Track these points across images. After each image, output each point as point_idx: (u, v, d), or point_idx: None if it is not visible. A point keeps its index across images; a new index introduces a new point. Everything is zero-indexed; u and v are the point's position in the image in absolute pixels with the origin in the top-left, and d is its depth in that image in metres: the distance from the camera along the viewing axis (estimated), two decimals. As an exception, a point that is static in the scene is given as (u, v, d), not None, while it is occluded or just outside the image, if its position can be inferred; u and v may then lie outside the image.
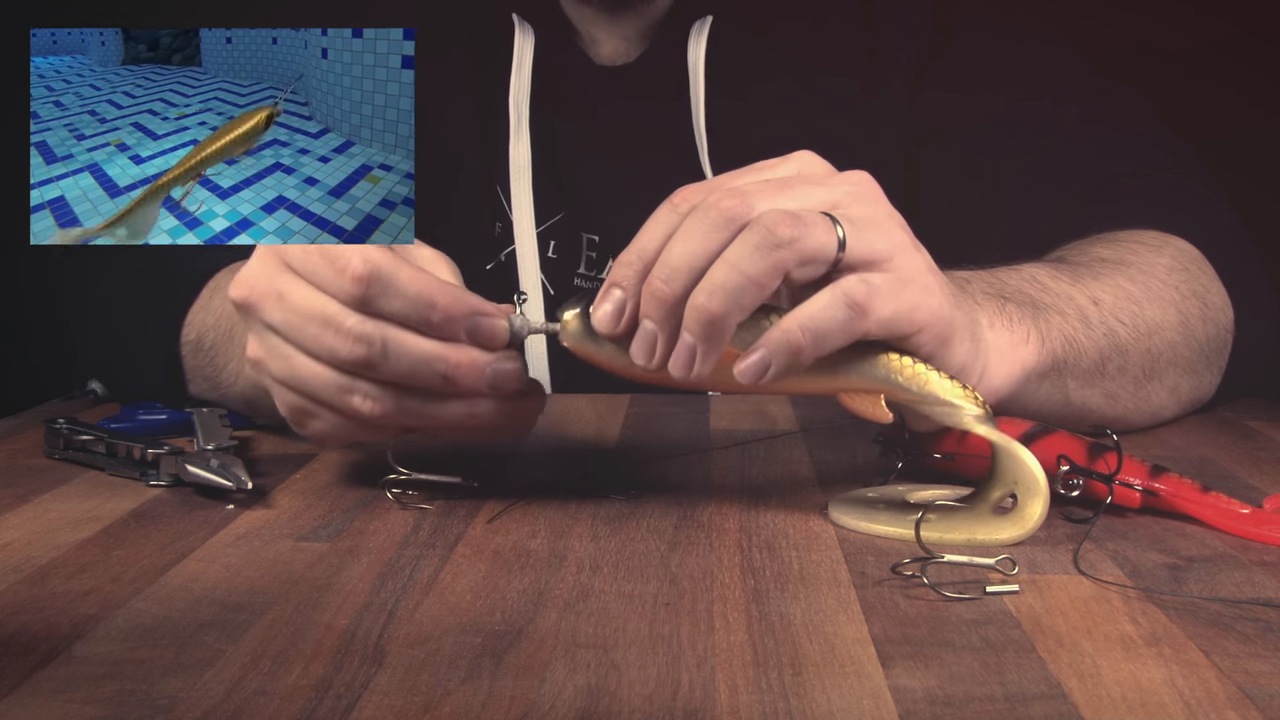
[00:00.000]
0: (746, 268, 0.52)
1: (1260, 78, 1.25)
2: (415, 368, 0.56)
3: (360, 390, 0.57)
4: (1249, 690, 0.40)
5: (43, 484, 0.66)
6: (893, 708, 0.39)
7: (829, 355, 0.55)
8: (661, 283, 0.53)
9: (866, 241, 0.54)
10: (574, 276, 0.95)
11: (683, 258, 0.53)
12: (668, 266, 0.53)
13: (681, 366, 0.54)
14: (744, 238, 0.52)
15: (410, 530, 0.57)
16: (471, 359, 0.56)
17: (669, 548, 0.54)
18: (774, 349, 0.53)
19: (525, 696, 0.40)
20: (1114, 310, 0.70)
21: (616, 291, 0.55)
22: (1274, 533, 0.56)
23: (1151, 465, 0.60)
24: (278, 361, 0.58)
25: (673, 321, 0.54)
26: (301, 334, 0.57)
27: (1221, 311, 0.79)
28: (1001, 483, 0.56)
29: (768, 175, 0.57)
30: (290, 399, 0.59)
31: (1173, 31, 1.22)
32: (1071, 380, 0.69)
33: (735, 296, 0.52)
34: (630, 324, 0.55)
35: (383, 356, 0.56)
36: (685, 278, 0.53)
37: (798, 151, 0.58)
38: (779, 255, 0.52)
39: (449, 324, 0.56)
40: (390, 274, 0.55)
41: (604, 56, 0.95)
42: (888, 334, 0.55)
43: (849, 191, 0.56)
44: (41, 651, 0.43)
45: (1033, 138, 0.89)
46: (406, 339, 0.56)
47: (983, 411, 0.56)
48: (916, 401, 0.56)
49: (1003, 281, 0.67)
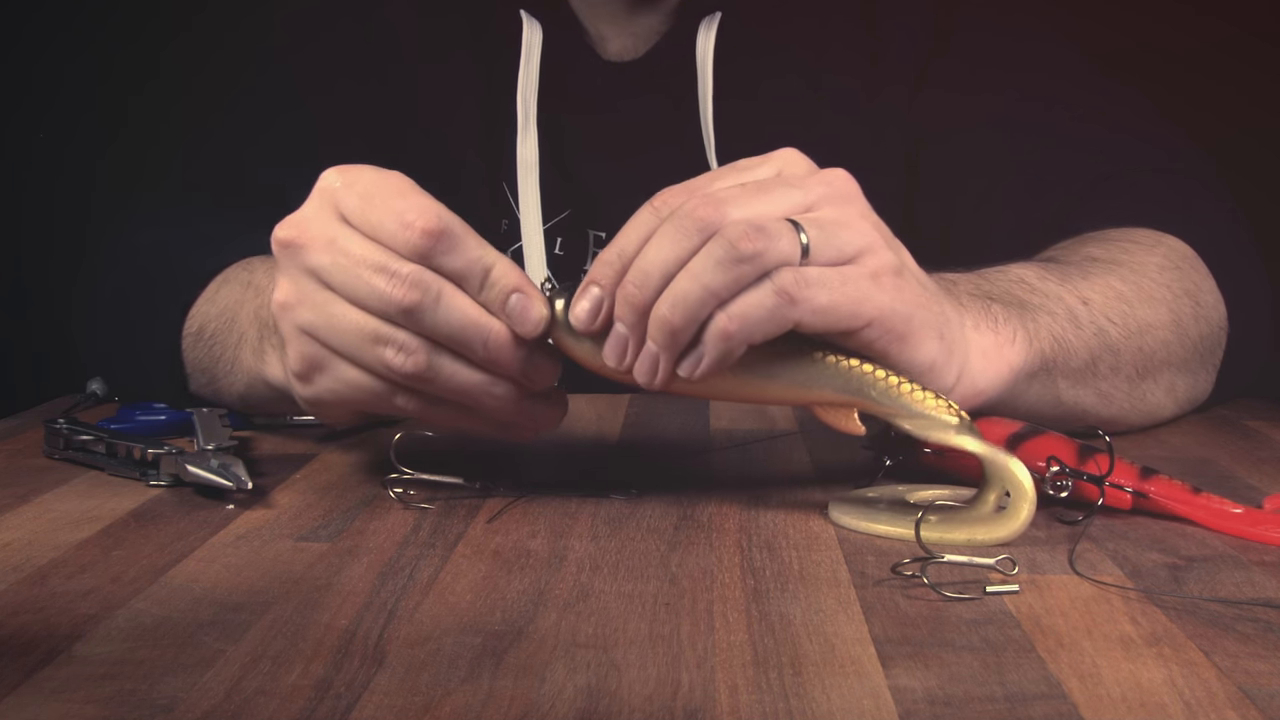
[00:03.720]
0: (707, 280, 0.53)
1: (1260, 78, 1.25)
2: (463, 326, 0.56)
3: (397, 341, 0.56)
4: (1249, 690, 0.40)
5: (43, 484, 0.66)
6: (893, 708, 0.39)
7: (800, 366, 0.55)
8: (634, 287, 0.54)
9: (834, 246, 0.54)
10: (581, 273, 0.95)
11: (655, 264, 0.54)
12: (640, 271, 0.54)
13: (645, 373, 0.55)
14: (708, 250, 0.53)
15: (410, 530, 0.57)
16: (512, 337, 0.57)
17: (669, 548, 0.54)
18: (706, 340, 0.54)
19: (525, 696, 0.40)
20: (1103, 309, 0.70)
21: (594, 289, 0.56)
22: (1269, 532, 0.56)
23: (1141, 467, 0.60)
24: (310, 308, 0.58)
25: (644, 326, 0.55)
26: (351, 276, 0.56)
27: (1214, 309, 0.79)
28: (994, 486, 0.56)
29: (747, 177, 0.57)
30: (309, 350, 0.59)
31: (1173, 31, 1.22)
32: (1062, 380, 0.69)
33: (695, 309, 0.53)
34: (605, 322, 0.56)
35: (434, 305, 0.56)
36: (656, 284, 0.54)
37: (781, 149, 0.59)
38: (740, 270, 0.53)
39: (498, 291, 0.56)
40: (460, 234, 0.56)
41: (611, 53, 0.95)
42: (827, 326, 0.55)
43: (823, 193, 0.56)
44: (41, 651, 0.43)
45: (1031, 138, 0.89)
46: (460, 295, 0.56)
47: (959, 422, 0.56)
48: (891, 415, 0.56)
49: (990, 282, 0.67)
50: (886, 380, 0.56)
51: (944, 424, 0.56)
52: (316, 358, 0.59)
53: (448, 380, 0.57)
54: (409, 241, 0.56)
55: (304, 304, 0.58)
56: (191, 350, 0.77)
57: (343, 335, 0.57)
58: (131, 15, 1.37)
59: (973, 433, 0.56)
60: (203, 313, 0.77)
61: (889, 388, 0.56)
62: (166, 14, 1.36)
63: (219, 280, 0.78)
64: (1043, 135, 0.89)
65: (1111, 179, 0.87)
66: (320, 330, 0.58)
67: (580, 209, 0.95)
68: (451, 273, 0.56)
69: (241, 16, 1.15)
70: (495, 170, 0.94)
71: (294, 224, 0.59)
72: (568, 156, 0.94)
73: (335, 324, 0.57)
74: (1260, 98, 1.25)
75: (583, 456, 0.73)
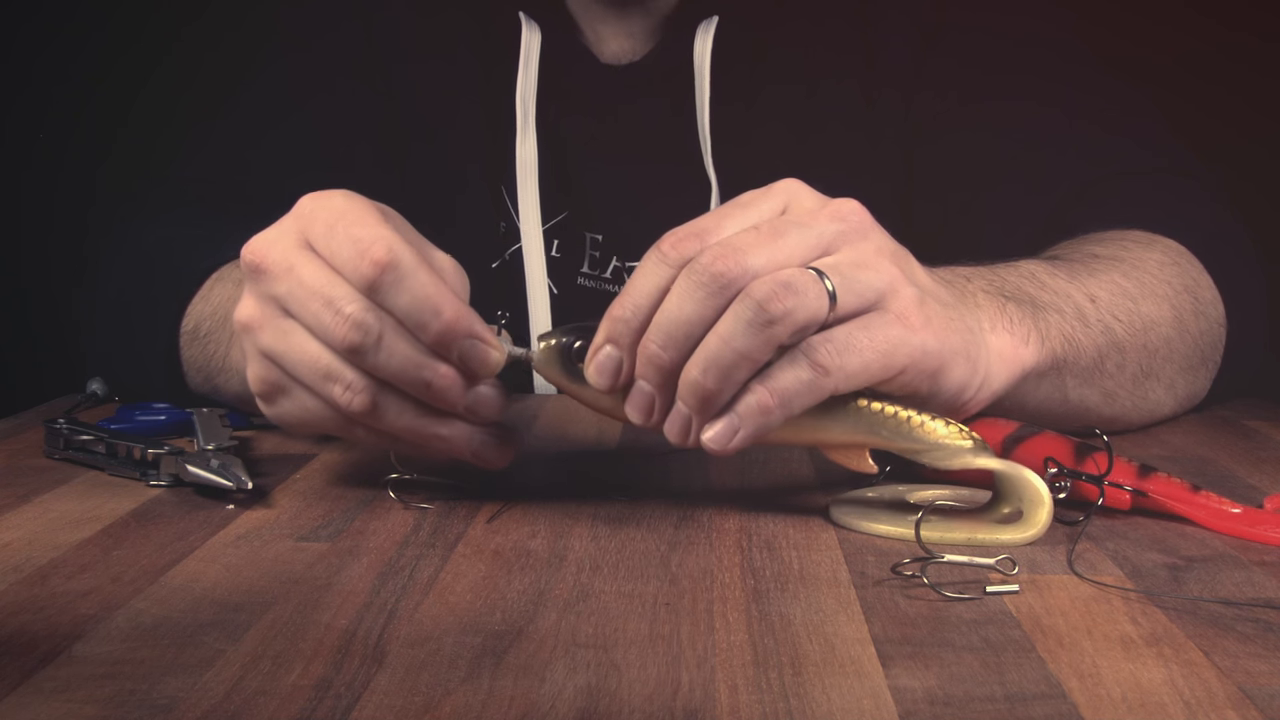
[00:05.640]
0: (739, 345, 0.52)
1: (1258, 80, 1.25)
2: (404, 368, 0.56)
3: (344, 380, 0.56)
4: (1249, 690, 0.40)
5: (43, 484, 0.66)
6: (893, 708, 0.39)
7: (810, 411, 0.55)
8: (658, 349, 0.54)
9: (856, 292, 0.54)
10: (577, 275, 0.95)
11: (678, 324, 0.53)
12: (664, 331, 0.54)
13: (678, 434, 0.55)
14: (737, 312, 0.52)
15: (410, 530, 0.57)
16: (457, 374, 0.56)
17: (669, 548, 0.54)
18: (742, 413, 0.54)
19: (525, 696, 0.40)
20: (1110, 307, 0.70)
21: (612, 349, 0.55)
22: (1268, 532, 0.56)
23: (1140, 466, 0.60)
24: (270, 333, 0.58)
25: (670, 385, 0.54)
26: (304, 308, 0.56)
27: (1213, 306, 0.79)
28: (1008, 501, 0.56)
29: (754, 215, 0.56)
30: (268, 373, 0.59)
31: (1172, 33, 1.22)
32: (1070, 379, 0.69)
33: (729, 372, 0.53)
34: (626, 381, 0.55)
35: (375, 348, 0.55)
36: (681, 345, 0.53)
37: (783, 181, 0.57)
38: (772, 331, 0.52)
39: (446, 336, 0.55)
40: (409, 269, 0.55)
41: (610, 55, 0.95)
42: (864, 384, 0.55)
43: (838, 231, 0.55)
44: (41, 651, 0.43)
45: (1026, 138, 0.89)
46: (403, 336, 0.56)
47: (974, 444, 0.56)
48: (906, 451, 0.56)
49: (1002, 279, 0.67)
50: (896, 417, 0.56)
51: (959, 450, 0.56)
52: (277, 382, 0.59)
53: (394, 421, 0.57)
54: (359, 270, 0.55)
55: (265, 328, 0.58)
56: (188, 349, 0.77)
57: (298, 366, 0.57)
58: (132, 15, 1.37)
59: (987, 451, 0.56)
60: (198, 311, 0.77)
61: (899, 424, 0.56)
62: (167, 14, 1.36)
63: (215, 278, 0.78)
64: (1038, 136, 0.89)
65: (1107, 179, 0.87)
66: (279, 357, 0.58)
67: (576, 212, 0.95)
68: (397, 310, 0.55)
69: (242, 16, 1.15)
70: (494, 172, 0.94)
71: (257, 248, 0.58)
72: (565, 159, 0.94)
73: (292, 354, 0.57)
74: (1257, 100, 1.25)
75: (583, 456, 0.73)
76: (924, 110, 0.93)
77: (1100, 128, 0.89)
